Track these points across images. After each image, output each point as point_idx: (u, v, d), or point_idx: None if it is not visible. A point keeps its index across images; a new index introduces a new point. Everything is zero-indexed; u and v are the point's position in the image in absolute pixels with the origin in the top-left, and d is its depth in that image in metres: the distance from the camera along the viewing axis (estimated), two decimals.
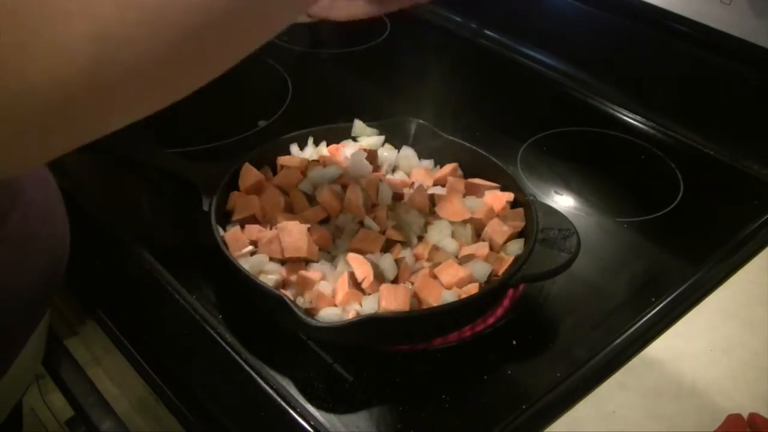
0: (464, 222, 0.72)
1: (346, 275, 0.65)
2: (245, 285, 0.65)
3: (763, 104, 0.93)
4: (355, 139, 0.83)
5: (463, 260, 0.68)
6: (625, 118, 1.03)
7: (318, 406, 0.60)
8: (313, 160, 0.80)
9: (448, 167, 0.79)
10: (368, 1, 0.62)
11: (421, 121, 0.83)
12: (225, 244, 0.68)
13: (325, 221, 0.72)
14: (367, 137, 0.83)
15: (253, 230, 0.71)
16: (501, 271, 0.68)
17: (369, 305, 0.64)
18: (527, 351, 0.67)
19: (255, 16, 0.39)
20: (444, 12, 1.27)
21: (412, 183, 0.76)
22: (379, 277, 0.65)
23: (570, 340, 0.69)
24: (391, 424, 0.59)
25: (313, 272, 0.67)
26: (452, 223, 0.71)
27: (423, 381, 0.64)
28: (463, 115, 1.02)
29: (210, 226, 0.69)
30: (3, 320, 0.59)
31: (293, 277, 0.66)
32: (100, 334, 0.72)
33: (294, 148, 0.81)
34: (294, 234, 0.68)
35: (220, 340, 0.65)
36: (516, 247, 0.70)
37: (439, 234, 0.71)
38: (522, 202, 0.74)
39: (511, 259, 0.69)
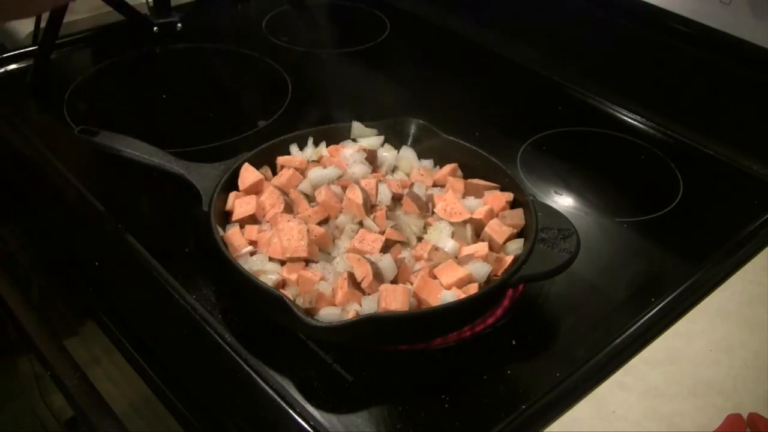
0: (464, 222, 0.72)
1: (345, 275, 0.65)
2: (245, 285, 0.65)
3: (762, 104, 0.93)
4: (354, 140, 0.83)
5: (462, 260, 0.68)
6: (625, 118, 1.03)
7: (318, 406, 0.60)
8: (312, 161, 0.81)
9: (448, 167, 0.79)
10: None
11: (420, 121, 0.83)
12: (225, 244, 0.68)
13: (324, 221, 0.72)
14: (366, 137, 0.83)
15: (253, 230, 0.71)
16: (500, 271, 0.68)
17: (368, 305, 0.64)
18: (527, 351, 0.67)
19: None
20: (444, 12, 1.27)
21: (412, 183, 0.76)
22: (379, 278, 0.65)
23: (570, 340, 0.69)
24: (390, 424, 0.59)
25: (312, 272, 0.67)
26: (452, 223, 0.71)
27: (423, 381, 0.64)
28: (463, 115, 1.02)
29: (210, 226, 0.69)
30: None
31: (293, 277, 0.66)
32: (99, 334, 0.72)
33: (294, 149, 0.81)
34: (294, 234, 0.68)
35: (220, 340, 0.65)
36: (515, 247, 0.70)
37: (439, 234, 0.71)
38: (522, 202, 0.74)
39: (510, 259, 0.69)
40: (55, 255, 0.81)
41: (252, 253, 0.69)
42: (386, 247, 0.69)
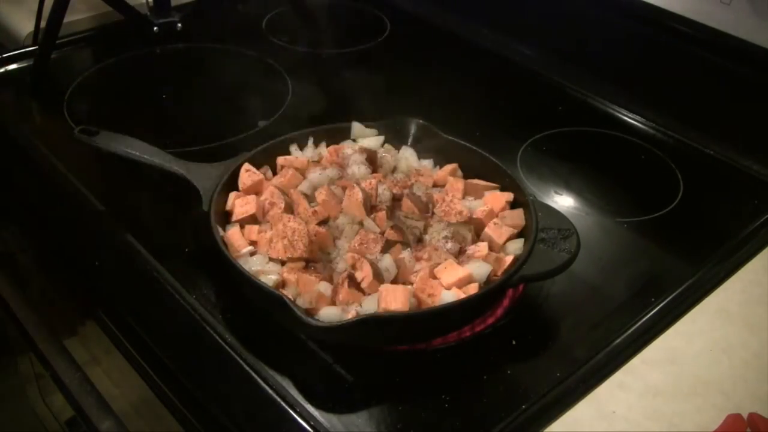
0: (464, 222, 0.71)
1: (345, 275, 0.65)
2: (245, 285, 0.65)
3: (763, 104, 0.93)
4: (354, 140, 0.83)
5: (462, 260, 0.68)
6: (625, 118, 1.03)
7: (318, 406, 0.60)
8: (313, 161, 0.80)
9: (448, 167, 0.79)
10: None
11: (421, 120, 0.83)
12: (225, 244, 0.68)
13: (324, 222, 0.72)
14: (366, 138, 0.83)
15: (253, 230, 0.71)
16: (501, 271, 0.68)
17: (369, 305, 0.64)
18: (527, 351, 0.67)
19: None
20: (444, 12, 1.27)
21: (412, 183, 0.76)
22: (379, 278, 0.65)
23: (570, 340, 0.69)
24: (390, 424, 0.59)
25: (312, 273, 0.67)
26: (452, 223, 0.71)
27: (423, 381, 0.64)
28: (463, 115, 1.02)
29: (210, 226, 0.69)
30: None
31: (293, 278, 0.66)
32: (99, 334, 0.72)
33: (294, 149, 0.81)
34: (294, 234, 0.68)
35: (220, 340, 0.65)
36: (516, 247, 0.70)
37: (439, 234, 0.71)
38: (522, 202, 0.74)
39: (510, 259, 0.69)
40: (55, 255, 0.81)
41: (252, 254, 0.69)
42: (386, 248, 0.69)
